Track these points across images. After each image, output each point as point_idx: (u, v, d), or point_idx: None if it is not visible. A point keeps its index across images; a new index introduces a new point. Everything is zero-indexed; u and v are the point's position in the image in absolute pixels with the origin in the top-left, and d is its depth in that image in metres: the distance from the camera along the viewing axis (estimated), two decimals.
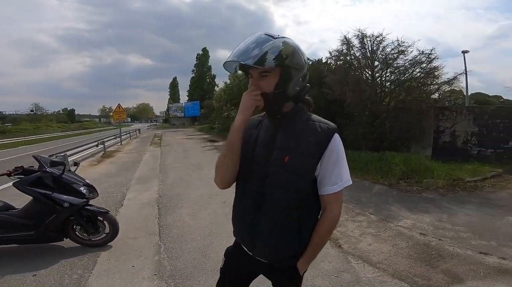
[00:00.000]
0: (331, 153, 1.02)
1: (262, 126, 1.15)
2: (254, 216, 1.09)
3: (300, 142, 1.04)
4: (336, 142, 1.03)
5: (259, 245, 1.11)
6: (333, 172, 1.03)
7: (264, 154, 1.08)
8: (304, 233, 1.08)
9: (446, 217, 3.82)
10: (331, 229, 1.10)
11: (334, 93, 8.15)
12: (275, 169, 1.04)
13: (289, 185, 1.03)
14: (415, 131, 7.81)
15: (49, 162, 3.03)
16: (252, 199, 1.10)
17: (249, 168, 1.10)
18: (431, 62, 7.28)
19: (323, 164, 1.03)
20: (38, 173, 2.95)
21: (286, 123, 1.08)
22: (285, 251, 1.10)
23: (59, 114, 74.02)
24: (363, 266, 2.65)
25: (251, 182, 1.10)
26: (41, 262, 2.79)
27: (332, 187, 1.04)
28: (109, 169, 8.31)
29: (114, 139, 16.90)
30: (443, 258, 2.76)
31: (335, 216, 1.08)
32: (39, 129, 39.82)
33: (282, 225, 1.06)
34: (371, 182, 5.83)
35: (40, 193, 2.87)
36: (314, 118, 1.09)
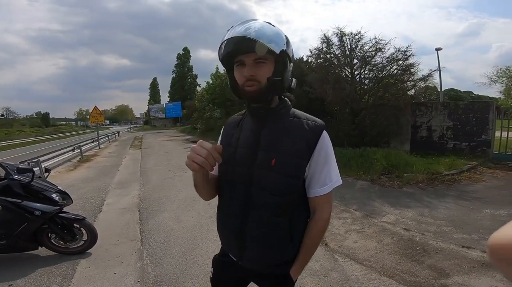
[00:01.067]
0: (320, 152, 0.96)
1: (243, 125, 1.07)
2: (241, 222, 1.01)
3: (287, 142, 0.96)
4: (324, 141, 0.97)
5: (248, 254, 1.03)
6: (322, 173, 0.97)
7: (247, 156, 1.00)
8: (296, 239, 1.01)
9: (427, 211, 3.92)
10: (322, 232, 1.04)
11: (315, 91, 8.25)
12: (261, 172, 0.97)
13: (277, 189, 0.95)
14: (393, 126, 8.03)
15: (16, 169, 2.83)
16: (238, 205, 1.01)
17: (232, 171, 1.02)
18: (407, 59, 7.50)
19: (312, 165, 0.96)
20: (5, 181, 2.78)
21: (270, 120, 1.00)
22: (276, 259, 1.03)
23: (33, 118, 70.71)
24: (350, 264, 2.65)
25: (235, 187, 1.02)
26: (17, 271, 2.68)
27: (322, 189, 0.97)
28: (86, 174, 7.96)
29: (92, 143, 16.28)
30: (428, 253, 2.81)
31: (326, 219, 1.02)
32: (11, 134, 37.76)
33: (272, 231, 0.98)
34: (354, 178, 5.91)
35: (8, 201, 2.71)
36: (300, 115, 1.02)
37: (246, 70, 0.92)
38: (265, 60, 0.91)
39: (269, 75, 0.93)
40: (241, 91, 0.96)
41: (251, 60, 0.92)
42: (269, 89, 0.94)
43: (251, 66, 0.92)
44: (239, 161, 1.01)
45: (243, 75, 0.93)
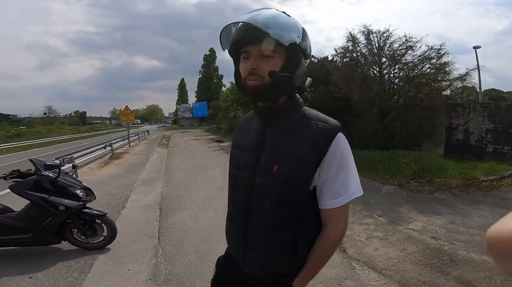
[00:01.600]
0: (332, 158, 0.83)
1: (251, 125, 0.99)
2: (244, 229, 0.95)
3: (291, 145, 0.86)
4: (339, 145, 0.84)
5: (249, 260, 0.97)
6: (336, 182, 0.84)
7: (250, 160, 0.93)
8: (300, 251, 0.91)
9: (459, 219, 3.61)
10: (331, 248, 0.93)
11: (340, 90, 8.00)
12: (262, 179, 0.89)
13: (279, 198, 0.86)
14: (426, 128, 7.57)
15: (44, 165, 2.99)
16: (241, 211, 0.96)
17: (236, 176, 0.97)
18: (441, 57, 7.04)
19: (322, 173, 0.84)
20: (35, 176, 2.93)
21: (276, 120, 0.90)
22: (277, 269, 0.95)
23: (71, 117, 75.87)
24: (368, 272, 2.50)
25: (238, 192, 0.97)
26: (39, 264, 2.79)
27: (335, 201, 0.85)
28: (115, 171, 8.34)
29: (123, 141, 17.08)
30: (456, 264, 2.58)
31: (336, 235, 0.90)
32: (52, 131, 40.76)
33: (274, 240, 0.91)
34: (380, 182, 5.62)
35: (36, 196, 2.85)
36: (311, 115, 0.89)
37: (250, 62, 0.83)
38: (274, 53, 0.81)
39: (278, 69, 0.82)
40: (243, 85, 0.87)
41: (256, 51, 0.82)
42: (274, 86, 0.83)
43: (255, 58, 0.83)
44: (242, 165, 0.96)
45: (246, 67, 0.84)
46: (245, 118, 1.07)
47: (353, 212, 4.03)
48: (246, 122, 1.03)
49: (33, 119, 60.40)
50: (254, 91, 0.85)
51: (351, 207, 4.19)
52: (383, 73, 7.88)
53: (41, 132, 38.87)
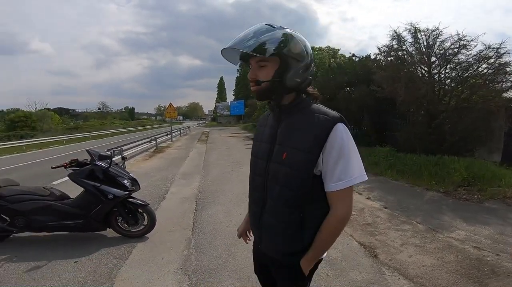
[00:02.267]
0: (332, 146, 0.95)
1: (268, 121, 1.16)
2: (261, 210, 1.10)
3: (297, 136, 1.00)
4: (338, 134, 0.95)
5: (264, 239, 1.12)
6: (336, 168, 0.96)
7: (266, 150, 1.09)
8: (307, 231, 1.03)
9: (509, 231, 3.29)
10: (336, 229, 1.02)
11: (384, 90, 7.61)
12: (274, 166, 1.04)
13: (287, 182, 1.00)
14: (480, 133, 6.88)
15: (98, 156, 3.31)
16: (258, 195, 1.12)
17: (255, 164, 1.16)
18: (500, 57, 6.34)
19: (324, 159, 0.96)
20: (90, 166, 3.24)
21: (287, 116, 1.06)
22: (285, 248, 1.06)
23: (122, 112, 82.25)
24: (397, 279, 2.39)
25: (258, 178, 1.12)
26: (84, 250, 3.05)
27: (336, 184, 0.96)
28: (158, 164, 8.91)
29: (166, 136, 18.13)
30: (497, 275, 2.36)
31: (340, 216, 1.00)
32: (105, 125, 44.79)
33: (283, 221, 1.03)
34: (424, 188, 5.28)
35: (90, 184, 3.14)
36: (315, 109, 1.03)
37: (250, 73, 1.03)
38: (266, 62, 0.99)
39: (269, 76, 0.99)
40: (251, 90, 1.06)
41: (255, 62, 1.02)
42: (269, 89, 1.01)
43: (254, 69, 1.02)
44: (261, 155, 1.12)
45: (248, 76, 1.04)
46: (264, 116, 1.25)
47: (390, 217, 3.86)
48: (265, 119, 1.21)
49: (89, 114, 66.98)
50: (255, 94, 1.05)
51: (389, 213, 4.02)
52: (432, 73, 7.35)
53: (95, 125, 43.00)
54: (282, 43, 0.96)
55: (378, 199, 4.66)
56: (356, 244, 3.06)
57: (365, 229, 3.47)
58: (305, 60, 1.02)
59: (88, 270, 2.66)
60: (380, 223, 3.66)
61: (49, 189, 3.37)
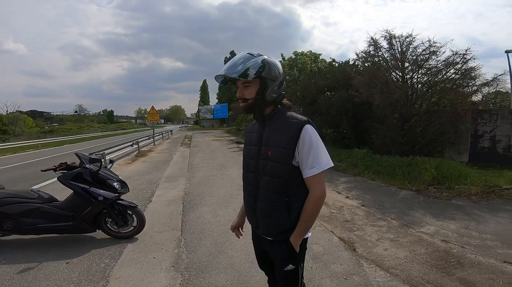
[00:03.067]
0: (303, 142, 1.23)
1: (254, 128, 1.44)
2: (255, 200, 1.37)
3: (277, 137, 1.28)
4: (306, 133, 1.23)
5: (260, 224, 1.37)
6: (309, 158, 1.23)
7: (255, 151, 1.37)
8: (293, 212, 1.28)
9: (474, 225, 3.64)
10: (315, 207, 1.26)
11: (361, 95, 7.98)
12: (263, 162, 1.32)
13: (274, 173, 1.27)
14: (449, 135, 7.41)
15: (88, 159, 3.36)
16: (252, 188, 1.38)
17: (247, 163, 1.42)
18: (466, 62, 6.86)
19: (299, 153, 1.24)
20: (79, 169, 3.29)
21: (268, 123, 1.34)
22: (277, 227, 1.31)
23: (100, 115, 79.53)
24: (374, 270, 2.63)
25: (251, 174, 1.39)
26: (75, 251, 3.09)
27: (310, 171, 1.23)
28: (142, 167, 8.85)
29: (148, 140, 17.87)
30: (462, 266, 2.65)
31: (316, 196, 1.25)
32: (82, 129, 43.15)
33: (273, 205, 1.29)
34: (397, 187, 5.66)
35: (79, 187, 3.19)
36: (289, 116, 1.31)
37: (238, 91, 1.32)
38: (250, 83, 1.27)
39: (253, 94, 1.28)
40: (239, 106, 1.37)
41: (241, 83, 1.30)
42: (254, 105, 1.30)
43: (241, 88, 1.31)
44: (251, 155, 1.40)
45: (237, 95, 1.33)
46: (251, 125, 1.52)
47: (367, 214, 4.14)
48: (252, 127, 1.49)
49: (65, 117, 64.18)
50: (244, 109, 1.34)
51: (366, 210, 4.30)
52: (406, 78, 7.81)
53: (72, 129, 41.30)
54: (261, 68, 1.24)
55: (356, 198, 4.95)
56: (336, 239, 3.29)
57: (344, 226, 3.73)
58: (278, 79, 1.31)
59: (81, 270, 2.72)
60: (358, 220, 3.93)
61: (37, 191, 3.37)
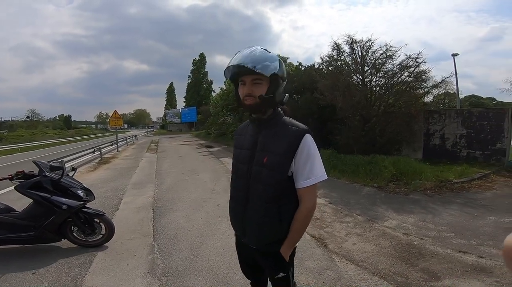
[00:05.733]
0: (302, 152, 1.17)
1: (247, 131, 1.35)
2: (244, 208, 1.28)
3: (276, 144, 1.20)
4: (306, 142, 1.18)
5: (248, 233, 1.29)
6: (305, 168, 1.17)
7: (248, 155, 1.27)
8: (284, 223, 1.22)
9: (430, 218, 3.99)
10: (306, 218, 1.22)
11: (325, 98, 8.34)
12: (257, 168, 1.23)
13: (268, 181, 1.20)
14: (405, 134, 8.01)
15: (48, 167, 3.17)
16: (242, 195, 1.29)
17: (237, 168, 1.34)
18: (418, 66, 7.50)
19: (296, 162, 1.18)
20: (38, 177, 3.10)
21: (265, 127, 1.26)
22: (268, 238, 1.25)
23: (56, 121, 73.67)
24: (346, 264, 2.79)
25: (241, 180, 1.30)
26: (40, 261, 2.93)
27: (305, 181, 1.18)
28: (105, 175, 8.40)
29: (111, 146, 16.96)
30: (423, 256, 2.90)
31: (308, 207, 1.21)
32: (35, 135, 39.57)
33: (264, 215, 1.22)
34: (361, 184, 6.00)
35: (40, 196, 3.01)
36: (288, 122, 1.25)
37: (246, 88, 1.20)
38: (261, 80, 1.18)
39: (263, 92, 1.19)
40: (242, 103, 1.24)
41: (249, 80, 1.19)
42: (263, 104, 1.21)
43: (249, 85, 1.20)
44: (242, 159, 1.30)
45: (243, 92, 1.21)
46: (242, 126, 1.43)
47: (334, 211, 4.36)
48: (244, 128, 1.39)
49: (15, 123, 58.41)
50: (250, 108, 1.23)
51: (333, 207, 4.53)
52: (366, 81, 8.32)
53: (24, 136, 37.78)
54: (279, 66, 1.19)
55: (324, 196, 5.18)
56: (308, 237, 3.43)
57: (314, 223, 3.89)
58: (285, 79, 1.27)
59: (50, 280, 2.60)
60: (327, 217, 4.13)
61: None
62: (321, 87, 8.51)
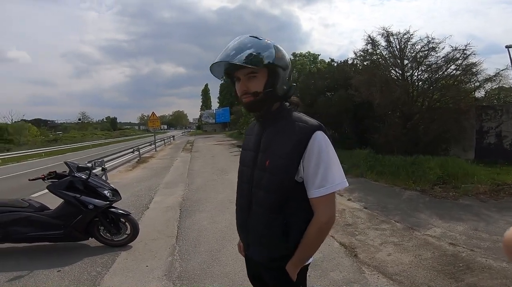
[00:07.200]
0: (311, 153, 0.95)
1: (254, 130, 1.18)
2: (247, 216, 1.11)
3: (278, 143, 1.02)
4: (317, 141, 0.96)
5: (251, 245, 1.13)
6: (317, 174, 0.96)
7: (252, 158, 1.11)
8: (292, 236, 1.02)
9: (483, 226, 3.47)
10: (319, 234, 1.01)
11: (361, 94, 7.86)
12: (258, 172, 1.06)
13: (270, 187, 1.01)
14: (453, 132, 7.23)
15: (76, 168, 3.29)
16: (245, 202, 1.13)
17: (242, 172, 1.17)
18: (466, 58, 6.72)
19: (305, 166, 0.97)
20: (69, 177, 3.23)
21: (270, 124, 1.08)
22: (271, 253, 1.07)
23: (103, 123, 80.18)
24: (377, 277, 2.48)
25: (243, 185, 1.15)
26: (67, 259, 3.03)
27: (317, 191, 0.97)
28: (142, 174, 8.78)
29: (150, 146, 17.86)
30: (472, 270, 2.49)
31: (322, 222, 0.99)
32: (85, 136, 43.44)
33: (267, 227, 1.04)
34: (402, 188, 5.49)
35: (69, 195, 3.13)
36: (296, 117, 1.04)
37: (240, 85, 1.03)
38: (256, 73, 1.00)
39: (261, 87, 1.01)
40: (241, 102, 1.07)
41: (244, 75, 1.01)
42: (262, 99, 1.03)
43: (244, 81, 1.02)
44: (246, 162, 1.14)
45: (239, 89, 1.04)
46: (252, 124, 1.25)
47: (369, 217, 3.99)
48: (252, 127, 1.22)
49: (69, 125, 64.71)
50: (249, 105, 1.05)
51: (368, 213, 4.15)
52: (406, 75, 7.68)
53: (76, 137, 41.62)
54: (273, 54, 0.99)
55: (359, 200, 4.80)
56: (337, 245, 3.15)
57: (345, 230, 3.58)
58: (288, 67, 1.06)
59: (72, 278, 2.65)
60: (360, 223, 3.78)
61: (28, 201, 3.32)
62: (356, 82, 8.03)
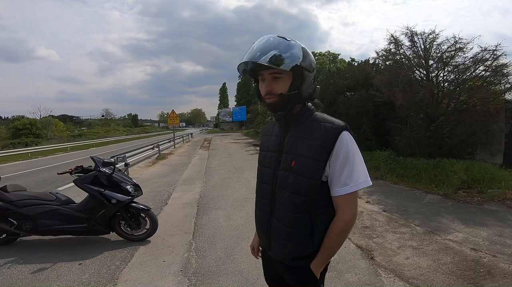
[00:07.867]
0: (338, 153, 0.98)
1: (273, 131, 1.19)
2: (269, 217, 1.13)
3: (305, 145, 1.03)
4: (343, 141, 0.99)
5: (273, 245, 1.14)
6: (342, 173, 0.99)
7: (274, 158, 1.12)
8: (316, 235, 1.05)
9: (508, 232, 3.31)
10: (342, 232, 1.04)
11: (382, 95, 7.66)
12: (283, 173, 1.07)
13: (296, 188, 1.03)
14: (480, 135, 6.90)
15: (101, 163, 3.42)
16: (266, 202, 1.14)
17: (263, 173, 1.18)
18: (497, 59, 6.37)
19: (331, 165, 1.00)
20: (94, 172, 3.35)
21: (293, 125, 1.09)
22: (296, 252, 1.08)
23: (125, 119, 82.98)
24: (393, 280, 2.43)
25: (264, 186, 1.16)
26: (89, 253, 3.14)
27: (342, 189, 0.99)
28: (161, 170, 9.01)
29: (169, 143, 18.29)
30: (493, 276, 2.39)
31: (345, 219, 1.01)
32: (108, 132, 45.20)
33: (292, 227, 1.05)
34: (423, 191, 5.31)
35: (94, 189, 3.25)
36: (320, 118, 1.06)
37: (264, 85, 1.04)
38: (281, 74, 1.01)
39: (285, 89, 1.02)
40: (264, 101, 1.08)
41: (269, 75, 1.02)
42: (286, 101, 1.04)
43: (268, 81, 1.03)
44: (267, 163, 1.15)
45: (263, 89, 1.05)
46: (269, 125, 1.27)
47: (388, 220, 3.90)
48: (270, 128, 1.23)
49: (93, 121, 67.55)
50: (272, 106, 1.06)
51: (387, 216, 4.06)
52: (431, 76, 7.40)
53: (99, 132, 43.38)
54: (298, 55, 0.99)
55: (377, 203, 4.70)
56: (353, 247, 3.11)
57: (363, 232, 3.52)
58: (314, 70, 1.06)
59: (92, 271, 2.75)
60: (378, 226, 3.71)
61: (55, 194, 3.47)
62: (377, 82, 7.82)
